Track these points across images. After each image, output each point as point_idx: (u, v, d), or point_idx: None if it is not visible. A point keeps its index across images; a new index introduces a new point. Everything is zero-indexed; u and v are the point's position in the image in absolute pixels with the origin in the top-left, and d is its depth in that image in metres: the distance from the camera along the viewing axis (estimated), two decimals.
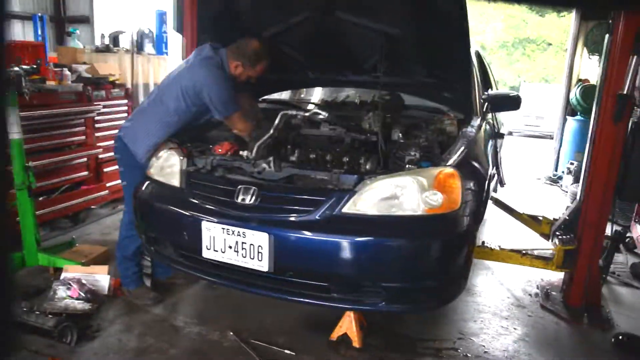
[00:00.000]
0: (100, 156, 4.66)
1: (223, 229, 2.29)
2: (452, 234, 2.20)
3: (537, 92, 15.26)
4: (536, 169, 8.23)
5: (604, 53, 3.00)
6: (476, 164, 2.58)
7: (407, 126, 2.73)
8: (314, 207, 2.22)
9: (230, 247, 2.29)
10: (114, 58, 5.09)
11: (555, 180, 7.26)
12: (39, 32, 9.18)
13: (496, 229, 4.73)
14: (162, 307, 3.12)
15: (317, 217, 2.20)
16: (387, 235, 2.11)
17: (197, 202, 2.45)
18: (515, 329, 3.02)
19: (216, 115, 2.85)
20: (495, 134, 3.35)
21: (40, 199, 4.10)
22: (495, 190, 5.02)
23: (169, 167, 2.69)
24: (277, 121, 2.62)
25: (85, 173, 4.58)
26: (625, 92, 2.82)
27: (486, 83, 4.07)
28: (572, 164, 6.60)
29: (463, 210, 2.24)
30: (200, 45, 2.94)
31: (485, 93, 3.30)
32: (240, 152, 2.57)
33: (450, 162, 2.31)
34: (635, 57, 2.76)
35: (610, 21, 2.93)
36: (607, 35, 2.95)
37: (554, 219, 3.68)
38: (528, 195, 6.51)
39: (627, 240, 4.44)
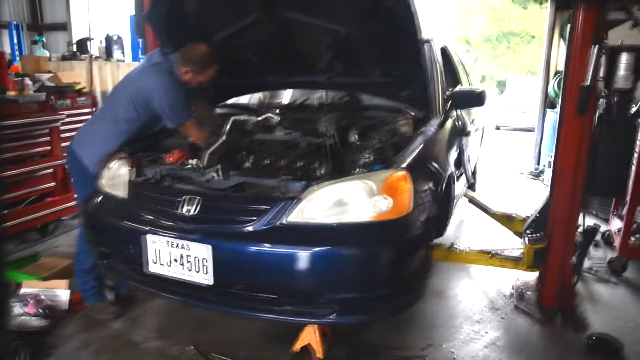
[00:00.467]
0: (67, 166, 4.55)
1: (167, 241, 2.20)
2: (402, 239, 2.11)
3: (524, 85, 15.21)
4: (519, 163, 8.16)
5: (567, 43, 2.92)
6: (434, 165, 2.49)
7: (364, 128, 2.63)
8: (257, 216, 2.12)
9: (175, 260, 2.19)
10: (80, 65, 4.98)
11: (537, 174, 7.17)
12: (15, 41, 9.10)
13: (477, 229, 4.65)
14: (122, 322, 3.02)
15: (259, 227, 2.10)
16: (333, 244, 2.01)
17: (142, 214, 2.35)
18: (486, 332, 2.92)
19: (168, 123, 2.76)
20: (461, 132, 3.26)
21: (5, 211, 4.00)
22: (473, 189, 4.94)
23: (117, 178, 2.60)
24: (226, 127, 2.53)
25: (52, 184, 4.46)
26: (587, 83, 2.73)
27: (455, 80, 3.98)
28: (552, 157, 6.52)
29: (415, 214, 2.14)
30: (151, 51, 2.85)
31: (450, 90, 3.20)
32: (189, 161, 2.48)
33: (403, 164, 2.21)
34: (595, 47, 2.68)
35: (571, 10, 2.85)
36: (568, 26, 2.87)
37: (526, 216, 3.60)
38: (509, 191, 6.43)
39: (606, 234, 4.37)
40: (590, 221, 4.43)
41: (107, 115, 2.82)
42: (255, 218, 2.12)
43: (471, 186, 4.82)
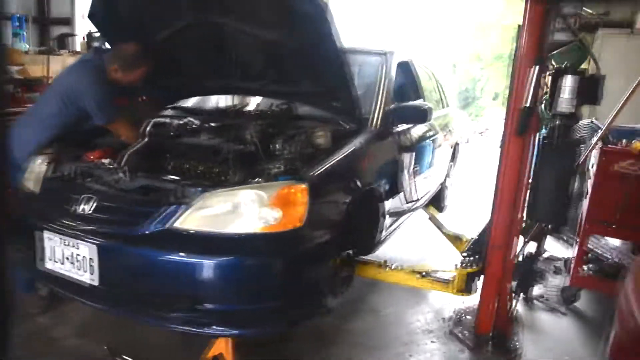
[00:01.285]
0: None
1: (61, 239, 2.18)
2: (291, 253, 2.04)
3: None
4: None
5: (513, 63, 2.84)
6: (348, 180, 2.43)
7: (289, 137, 2.58)
8: (143, 219, 2.08)
9: (67, 258, 2.18)
10: (55, 60, 5.02)
11: None
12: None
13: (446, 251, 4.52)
14: (48, 317, 3.01)
15: (143, 231, 2.06)
16: (212, 254, 1.96)
17: (45, 210, 2.35)
18: (410, 356, 2.83)
19: (96, 120, 2.75)
20: (403, 148, 3.17)
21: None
22: (439, 210, 4.80)
23: (36, 173, 2.59)
24: (142, 129, 2.50)
25: None
26: (527, 105, 2.65)
27: (416, 94, 3.89)
28: None
29: (310, 228, 2.08)
30: None
31: (397, 104, 3.13)
32: (103, 160, 2.46)
33: (305, 176, 2.15)
34: (536, 67, 2.60)
35: (515, 29, 2.78)
36: (514, 45, 2.79)
37: (471, 238, 3.49)
38: (484, 213, 6.25)
39: (567, 261, 4.23)
40: (562, 248, 4.38)
41: (39, 110, 2.84)
42: (141, 221, 2.08)
43: (437, 205, 4.72)
